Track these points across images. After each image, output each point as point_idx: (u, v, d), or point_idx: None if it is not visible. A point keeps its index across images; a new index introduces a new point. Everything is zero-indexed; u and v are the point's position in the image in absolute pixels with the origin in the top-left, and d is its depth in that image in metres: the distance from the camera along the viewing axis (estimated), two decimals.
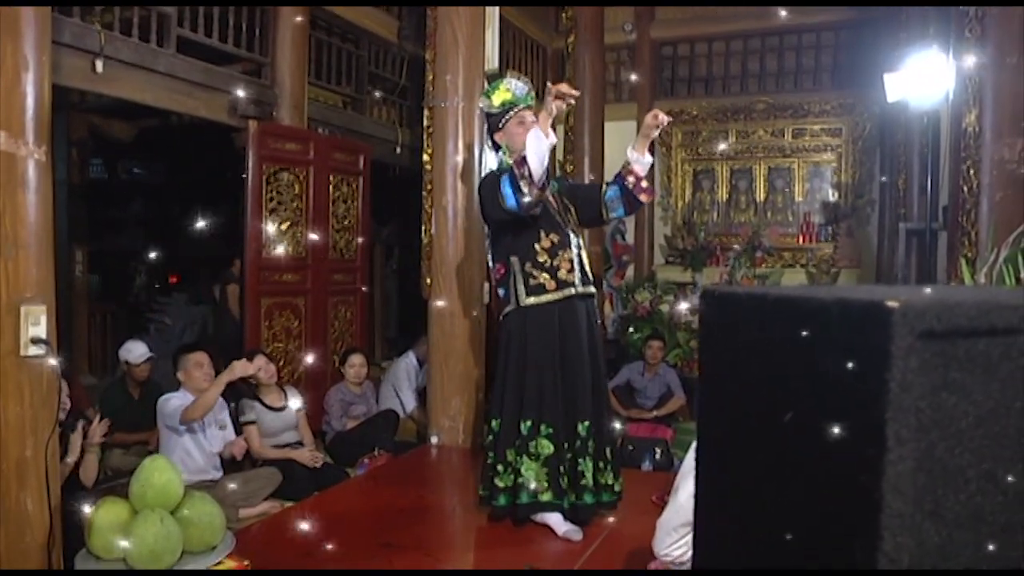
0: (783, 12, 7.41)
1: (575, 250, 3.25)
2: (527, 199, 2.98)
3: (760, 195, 8.55)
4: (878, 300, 0.66)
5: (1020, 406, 0.67)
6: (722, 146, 8.34)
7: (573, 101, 3.02)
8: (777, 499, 0.79)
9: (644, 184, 3.28)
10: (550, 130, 2.96)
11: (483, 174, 3.56)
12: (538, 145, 2.92)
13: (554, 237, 3.20)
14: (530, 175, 2.93)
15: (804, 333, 0.74)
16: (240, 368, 3.98)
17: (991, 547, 0.67)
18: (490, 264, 3.49)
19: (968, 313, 0.66)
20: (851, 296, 0.71)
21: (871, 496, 0.65)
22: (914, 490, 0.65)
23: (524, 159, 2.95)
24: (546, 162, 2.97)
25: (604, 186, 3.39)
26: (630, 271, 8.68)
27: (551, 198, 3.29)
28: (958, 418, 0.66)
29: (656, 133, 3.21)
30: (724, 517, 0.89)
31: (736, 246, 8.22)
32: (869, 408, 0.65)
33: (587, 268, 3.29)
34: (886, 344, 0.65)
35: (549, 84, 3.10)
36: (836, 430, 0.69)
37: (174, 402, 3.83)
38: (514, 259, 3.20)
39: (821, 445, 0.71)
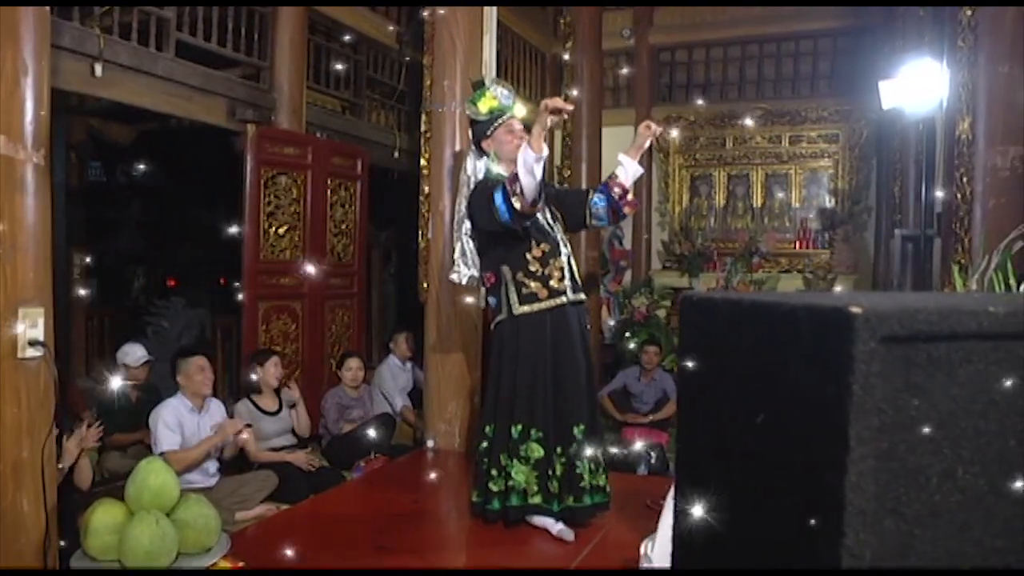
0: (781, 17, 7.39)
1: (565, 258, 3.27)
2: (520, 214, 2.99)
3: (757, 201, 8.57)
4: (842, 306, 0.68)
5: (979, 408, 0.70)
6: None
7: (567, 115, 3.04)
8: (749, 498, 0.81)
9: (629, 197, 3.30)
10: (544, 144, 2.95)
11: (467, 179, 3.53)
12: (526, 161, 2.92)
13: (545, 246, 3.22)
14: (522, 191, 2.94)
15: (774, 337, 0.77)
16: (231, 428, 4.00)
17: (950, 544, 0.69)
18: (475, 272, 3.48)
19: (929, 318, 0.69)
20: (818, 302, 0.73)
21: (834, 494, 0.67)
22: (876, 488, 0.67)
23: (516, 176, 2.95)
24: (539, 176, 2.96)
25: (591, 192, 3.40)
26: (627, 276, 8.71)
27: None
28: (919, 419, 0.69)
29: (647, 144, 3.25)
30: (701, 516, 0.91)
31: (733, 252, 8.25)
32: (833, 409, 0.68)
33: (576, 275, 3.32)
34: (849, 348, 0.67)
35: (545, 102, 3.10)
36: (802, 430, 0.71)
37: (162, 426, 3.80)
38: (505, 268, 3.22)
39: (789, 445, 0.74)
